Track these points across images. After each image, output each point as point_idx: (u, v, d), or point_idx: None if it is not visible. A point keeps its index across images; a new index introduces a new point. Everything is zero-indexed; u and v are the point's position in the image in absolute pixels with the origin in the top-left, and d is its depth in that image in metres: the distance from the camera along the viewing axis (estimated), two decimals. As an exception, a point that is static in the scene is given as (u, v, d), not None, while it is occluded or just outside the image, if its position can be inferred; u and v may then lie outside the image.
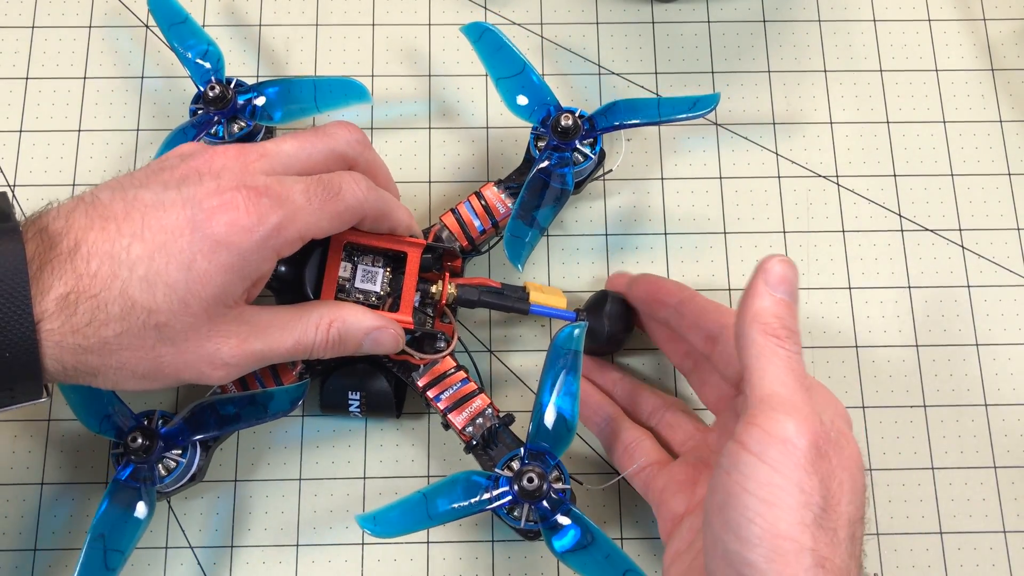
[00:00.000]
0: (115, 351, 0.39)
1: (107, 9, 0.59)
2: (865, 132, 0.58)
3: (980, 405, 0.53)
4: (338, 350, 0.45)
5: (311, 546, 0.50)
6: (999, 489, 0.52)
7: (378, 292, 0.47)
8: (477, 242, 0.52)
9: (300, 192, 0.42)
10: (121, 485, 0.46)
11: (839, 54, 0.59)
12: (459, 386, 0.49)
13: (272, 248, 0.41)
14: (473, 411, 0.49)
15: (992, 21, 0.60)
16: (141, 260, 0.39)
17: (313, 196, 0.42)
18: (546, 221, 0.51)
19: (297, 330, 0.44)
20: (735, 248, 0.55)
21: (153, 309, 0.39)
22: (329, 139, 0.45)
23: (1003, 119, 0.58)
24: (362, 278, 0.47)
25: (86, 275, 0.38)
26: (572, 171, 0.51)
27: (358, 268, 0.48)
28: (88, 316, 0.38)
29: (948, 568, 0.50)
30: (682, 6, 0.60)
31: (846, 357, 0.53)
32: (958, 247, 0.55)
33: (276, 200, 0.41)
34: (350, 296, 0.47)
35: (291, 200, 0.42)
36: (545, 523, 0.46)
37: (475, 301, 0.49)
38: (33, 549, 0.49)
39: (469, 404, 0.49)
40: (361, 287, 0.47)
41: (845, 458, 0.38)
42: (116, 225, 0.39)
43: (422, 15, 0.59)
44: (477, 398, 0.49)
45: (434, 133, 0.57)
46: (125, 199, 0.40)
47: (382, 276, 0.48)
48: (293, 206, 0.42)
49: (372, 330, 0.45)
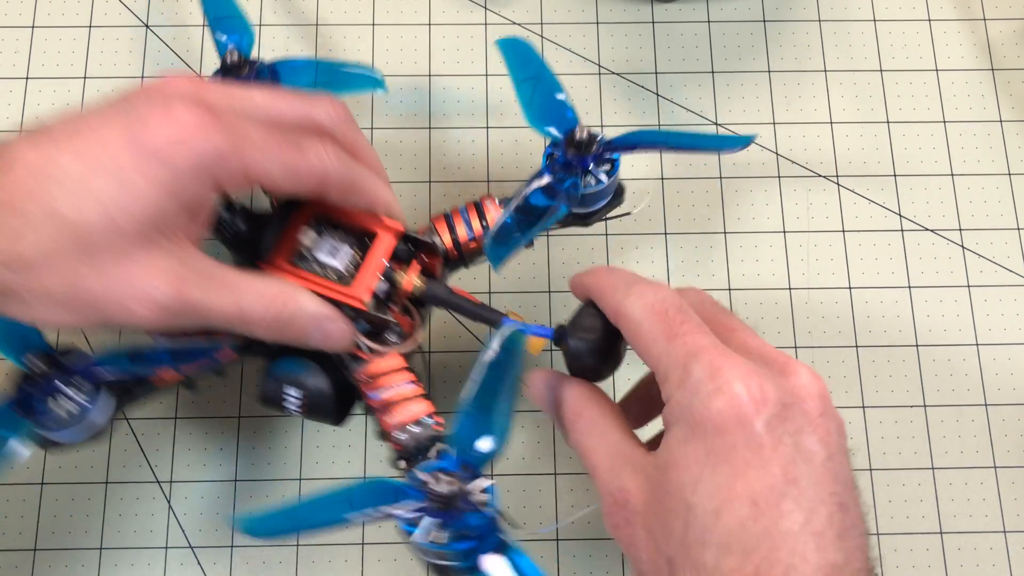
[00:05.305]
0: (34, 268, 0.36)
1: (107, 9, 0.59)
2: (865, 132, 0.58)
3: (980, 405, 0.53)
4: (282, 332, 0.41)
5: (311, 546, 0.50)
6: (999, 489, 0.52)
7: (340, 269, 0.43)
8: (465, 253, 0.48)
9: (256, 130, 0.39)
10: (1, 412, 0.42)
11: (839, 54, 0.59)
12: (402, 387, 0.44)
13: (211, 175, 0.38)
14: (409, 416, 0.43)
15: (992, 21, 0.60)
16: (70, 173, 0.36)
17: (271, 139, 0.39)
18: (534, 234, 0.47)
19: (244, 296, 0.39)
20: (735, 248, 0.55)
21: (78, 223, 0.36)
22: (308, 104, 0.42)
23: (1003, 119, 0.58)
24: (326, 251, 0.44)
25: (15, 190, 0.36)
26: (579, 190, 0.47)
27: (324, 240, 0.44)
28: (10, 231, 0.36)
29: (948, 568, 0.50)
30: (682, 6, 0.60)
31: (846, 357, 0.53)
32: (958, 247, 0.56)
33: (226, 125, 0.38)
34: (308, 265, 0.43)
35: (243, 132, 0.38)
36: (466, 553, 0.38)
37: (443, 299, 0.44)
38: (33, 549, 0.49)
39: (407, 407, 0.43)
40: (322, 259, 0.43)
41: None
42: (55, 143, 0.37)
43: (422, 15, 0.59)
44: (419, 402, 0.43)
45: (434, 133, 0.57)
46: (71, 122, 0.38)
47: (349, 255, 0.44)
48: (244, 137, 0.38)
49: (324, 319, 0.41)
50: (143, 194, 0.36)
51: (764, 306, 0.54)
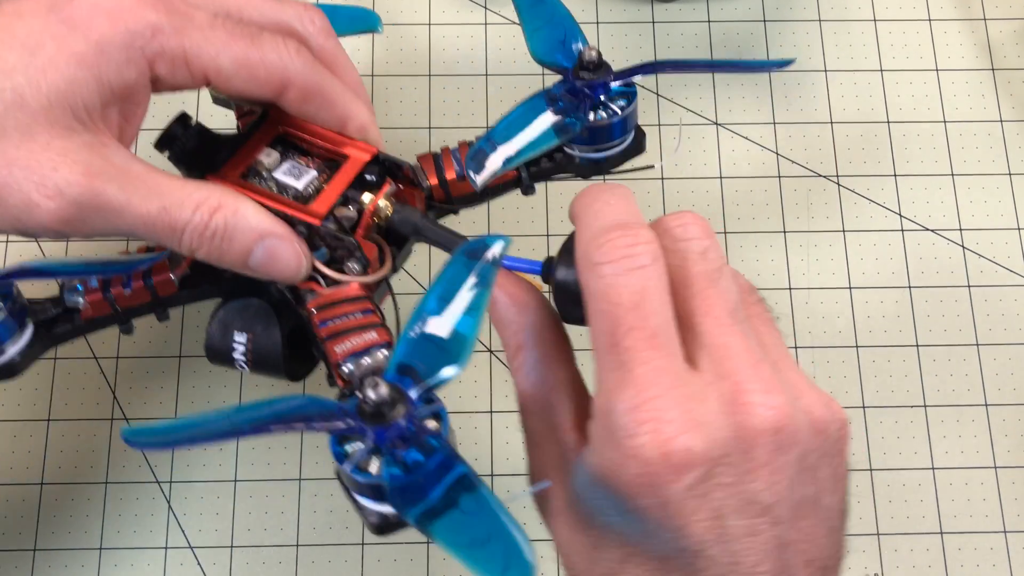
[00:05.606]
0: None
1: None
2: (866, 132, 0.58)
3: (981, 405, 0.53)
4: (217, 248, 0.35)
5: (311, 546, 0.50)
6: (1000, 489, 0.51)
7: (299, 191, 0.38)
8: (454, 195, 0.42)
9: (204, 15, 0.35)
10: None
11: (839, 54, 0.59)
12: (357, 315, 0.36)
13: (142, 52, 0.33)
14: (360, 344, 0.35)
15: (992, 21, 0.60)
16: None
17: (220, 25, 0.35)
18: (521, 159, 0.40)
19: (169, 197, 0.34)
20: (735, 248, 0.55)
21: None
22: (278, 5, 0.38)
23: (1003, 119, 0.58)
24: (287, 171, 0.38)
25: None
26: (584, 119, 0.41)
27: (287, 161, 0.38)
28: None
29: (948, 568, 0.50)
30: (682, 6, 0.60)
31: (846, 357, 0.53)
32: (959, 247, 0.55)
33: (166, 3, 0.34)
34: (264, 183, 0.38)
35: (187, 14, 0.34)
36: (407, 490, 0.30)
37: (416, 226, 0.38)
38: (32, 549, 0.49)
39: (359, 335, 0.36)
40: (281, 179, 0.38)
41: None
42: None
43: (422, 15, 0.59)
44: (373, 331, 0.36)
45: (434, 133, 0.57)
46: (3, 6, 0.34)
47: (313, 178, 0.38)
48: (186, 19, 0.34)
49: (269, 235, 0.35)
50: (59, 69, 0.32)
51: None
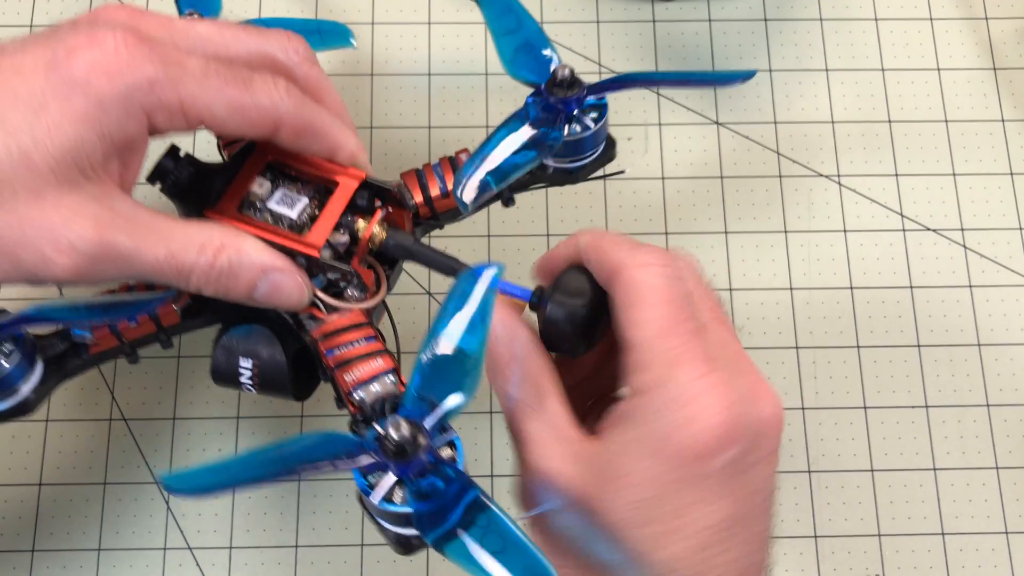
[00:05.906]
0: None
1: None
2: (867, 131, 0.57)
3: (982, 405, 0.53)
4: (223, 286, 0.36)
5: (311, 547, 0.50)
6: (1001, 490, 0.51)
7: (294, 220, 0.39)
8: (439, 210, 0.43)
9: (197, 62, 0.35)
10: None
11: (840, 53, 0.59)
12: (361, 343, 0.38)
13: (140, 106, 0.34)
14: (368, 372, 0.37)
15: (994, 20, 0.60)
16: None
17: (213, 73, 0.35)
18: (506, 183, 0.42)
19: (175, 242, 0.35)
20: (735, 248, 0.55)
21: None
22: (261, 37, 0.38)
23: (1005, 118, 0.58)
24: (279, 200, 0.39)
25: None
26: (561, 135, 0.42)
27: (278, 189, 0.39)
28: None
29: (950, 569, 0.50)
30: (683, 5, 0.60)
31: (847, 357, 0.53)
32: (960, 247, 0.55)
33: (160, 55, 0.34)
34: (259, 215, 0.39)
35: (181, 63, 0.35)
36: (431, 516, 0.32)
37: (408, 249, 0.40)
38: (31, 550, 0.49)
39: (366, 363, 0.38)
40: (275, 209, 0.39)
41: None
42: None
43: (422, 14, 0.59)
44: (379, 358, 0.38)
45: (434, 132, 0.57)
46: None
47: (305, 205, 0.39)
48: (181, 69, 0.35)
49: (271, 270, 0.37)
50: (62, 128, 0.33)
51: (765, 306, 0.54)
